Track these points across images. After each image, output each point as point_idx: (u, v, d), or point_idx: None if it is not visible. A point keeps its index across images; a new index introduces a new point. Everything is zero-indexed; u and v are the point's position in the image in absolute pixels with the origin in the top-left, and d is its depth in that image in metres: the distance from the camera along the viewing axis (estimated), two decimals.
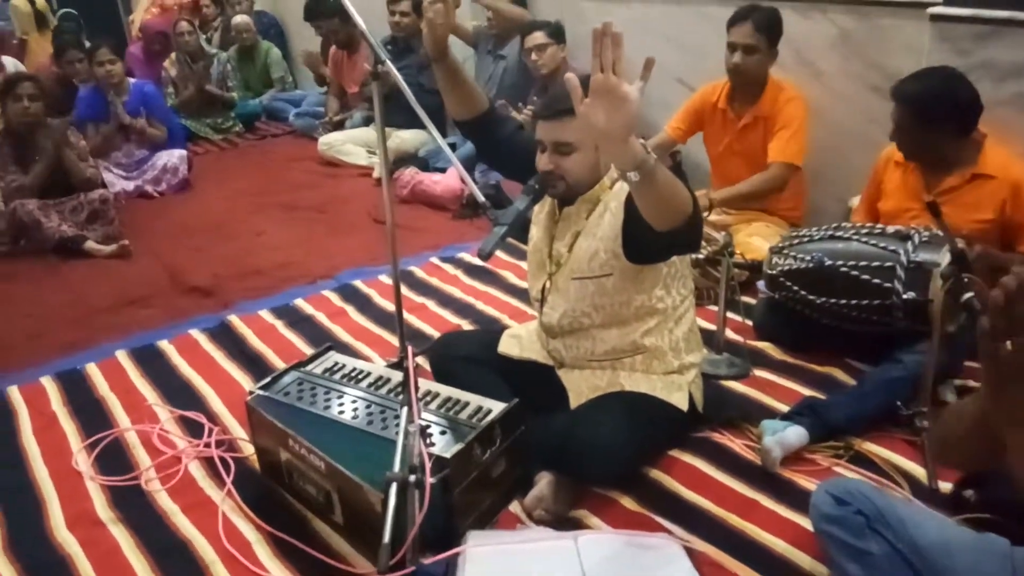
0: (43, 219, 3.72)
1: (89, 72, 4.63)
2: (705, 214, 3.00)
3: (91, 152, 4.15)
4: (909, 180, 2.49)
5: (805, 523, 1.72)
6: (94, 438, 2.29)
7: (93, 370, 2.69)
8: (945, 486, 1.85)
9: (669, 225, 1.66)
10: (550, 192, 1.97)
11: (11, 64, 5.29)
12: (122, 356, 2.77)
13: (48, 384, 2.62)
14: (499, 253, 3.07)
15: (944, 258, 2.05)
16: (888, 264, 2.18)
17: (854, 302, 2.25)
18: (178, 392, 2.52)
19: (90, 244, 3.74)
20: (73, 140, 3.99)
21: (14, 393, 2.58)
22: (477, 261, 3.32)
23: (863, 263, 2.23)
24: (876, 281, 2.19)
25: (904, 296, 2.14)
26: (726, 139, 3.16)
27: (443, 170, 4.32)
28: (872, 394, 2.12)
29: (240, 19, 6.16)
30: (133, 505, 2.02)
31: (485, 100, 2.15)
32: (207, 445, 2.21)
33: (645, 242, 1.78)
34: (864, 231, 2.31)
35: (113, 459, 2.21)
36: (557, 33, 3.89)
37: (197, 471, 2.13)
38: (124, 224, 3.94)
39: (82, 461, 2.21)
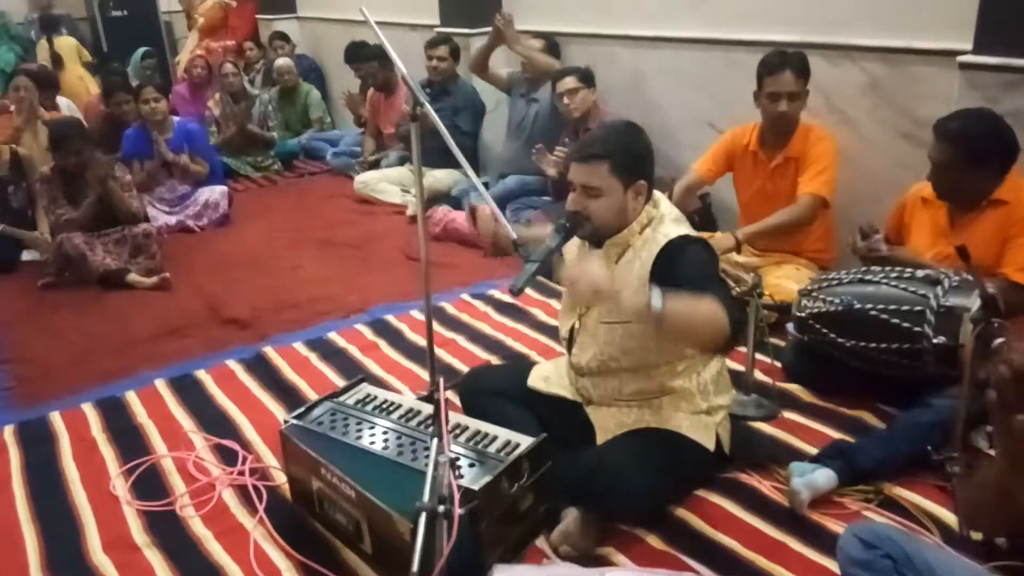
0: (88, 252, 3.84)
1: (136, 112, 4.81)
2: (733, 254, 3.03)
3: (136, 187, 4.29)
4: (936, 218, 2.50)
5: (832, 566, 1.71)
6: (131, 464, 2.36)
7: (132, 398, 2.76)
8: (977, 533, 1.83)
9: (711, 349, 1.82)
10: (578, 233, 2.01)
11: (65, 105, 5.50)
12: (161, 385, 2.84)
13: (89, 410, 2.70)
14: (529, 290, 3.11)
15: (975, 303, 2.05)
16: (918, 308, 2.19)
17: (883, 346, 2.25)
18: (214, 421, 2.58)
19: (132, 276, 3.85)
20: (119, 174, 4.14)
21: (56, 418, 2.65)
22: (507, 298, 3.39)
23: (893, 307, 2.23)
24: (906, 325, 2.19)
25: (934, 340, 2.14)
26: (757, 182, 3.19)
27: None
28: (902, 438, 2.11)
29: (282, 62, 6.36)
30: (168, 530, 2.07)
31: None
32: (241, 473, 2.26)
33: None
34: (894, 275, 2.31)
35: (149, 485, 2.27)
36: (587, 78, 3.96)
37: (230, 498, 2.18)
38: (165, 257, 4.06)
39: (120, 486, 2.26)
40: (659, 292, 1.63)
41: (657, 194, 2.06)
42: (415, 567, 1.43)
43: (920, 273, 2.29)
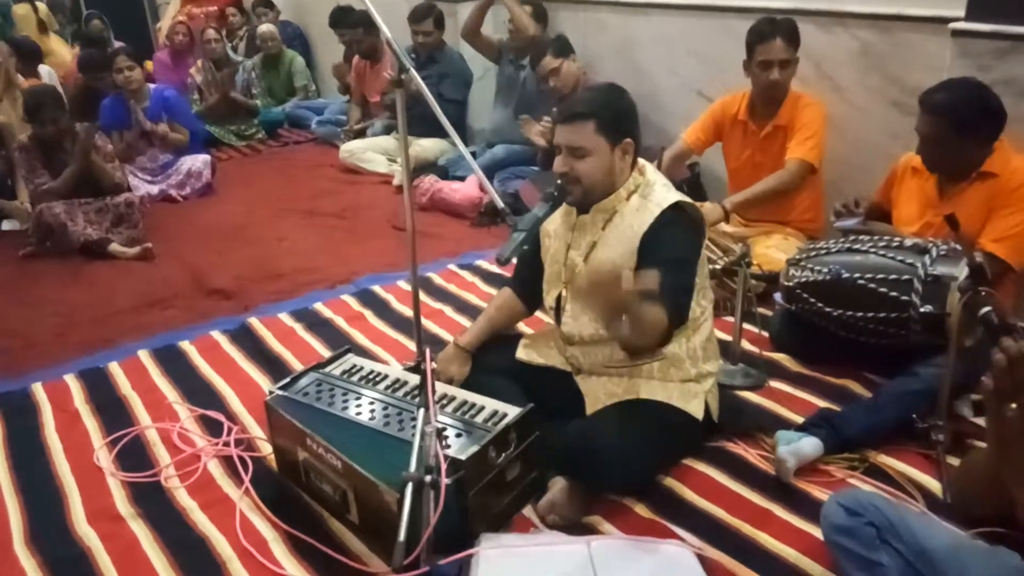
0: (68, 222, 3.79)
1: (112, 82, 4.72)
2: (721, 224, 3.01)
3: (116, 157, 4.22)
4: (925, 188, 2.49)
5: (817, 533, 1.72)
6: (115, 435, 2.34)
7: (116, 369, 2.74)
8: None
9: (645, 347, 1.84)
10: (567, 199, 1.99)
11: (46, 74, 5.39)
12: (144, 356, 2.81)
13: (71, 382, 2.67)
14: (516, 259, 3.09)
15: (962, 271, 2.05)
16: (905, 277, 2.18)
17: (871, 315, 2.25)
18: (198, 392, 2.56)
19: (114, 247, 3.80)
20: (100, 144, 4.07)
21: (38, 390, 2.63)
22: (494, 268, 3.37)
23: (880, 276, 2.23)
24: (893, 294, 2.19)
25: (921, 309, 2.14)
26: (747, 151, 3.17)
27: (462, 178, 4.36)
28: (888, 407, 2.11)
29: (265, 28, 6.26)
30: (152, 501, 2.06)
31: (521, 312, 2.35)
32: (226, 444, 2.25)
33: None
34: (882, 244, 2.31)
35: (133, 456, 2.25)
36: (563, 48, 3.89)
37: (216, 469, 2.16)
38: (148, 227, 4.00)
39: (103, 457, 2.25)
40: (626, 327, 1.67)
41: (642, 161, 2.05)
42: (401, 536, 1.43)
43: (908, 242, 2.29)
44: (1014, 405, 1.05)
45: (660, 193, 1.96)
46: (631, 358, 1.99)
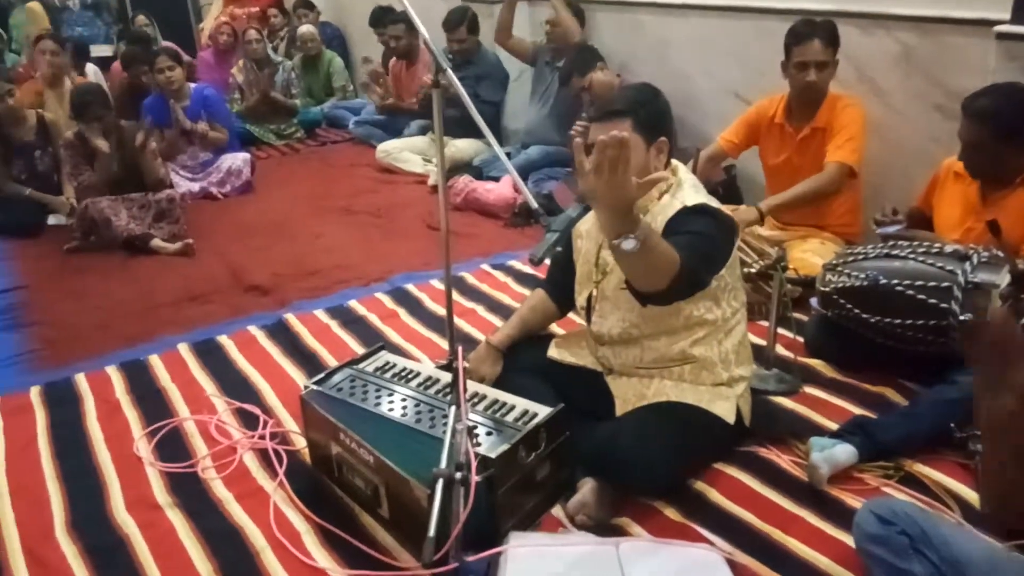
0: (112, 217, 3.87)
1: (153, 79, 4.81)
2: (756, 227, 2.99)
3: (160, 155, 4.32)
4: (968, 193, 2.45)
5: (849, 541, 1.70)
6: (154, 426, 2.39)
7: (156, 361, 2.80)
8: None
9: (654, 288, 1.72)
10: None
11: (92, 72, 5.52)
12: (183, 349, 2.87)
13: (113, 373, 2.73)
14: (549, 260, 3.09)
15: (1004, 279, 2.01)
16: (945, 284, 2.15)
17: (909, 322, 2.21)
18: (235, 385, 2.61)
19: (156, 242, 3.88)
20: (153, 143, 4.16)
21: (81, 381, 2.69)
22: (527, 269, 3.38)
23: (919, 283, 2.19)
24: (932, 301, 2.16)
25: (961, 317, 2.10)
26: (784, 153, 3.14)
27: (496, 179, 4.38)
28: (925, 415, 2.08)
29: (305, 29, 6.34)
30: (189, 491, 2.10)
31: (553, 313, 2.34)
32: (261, 437, 2.28)
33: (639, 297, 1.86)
34: (921, 250, 2.27)
35: (172, 447, 2.30)
36: (587, 63, 3.84)
37: (251, 461, 2.20)
38: (189, 224, 4.08)
39: (143, 447, 2.30)
40: (635, 241, 1.57)
41: (675, 162, 2.04)
42: (431, 532, 1.44)
43: (948, 248, 2.25)
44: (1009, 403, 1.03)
45: (687, 193, 1.95)
46: (662, 364, 1.99)
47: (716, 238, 1.90)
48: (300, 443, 2.23)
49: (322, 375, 2.14)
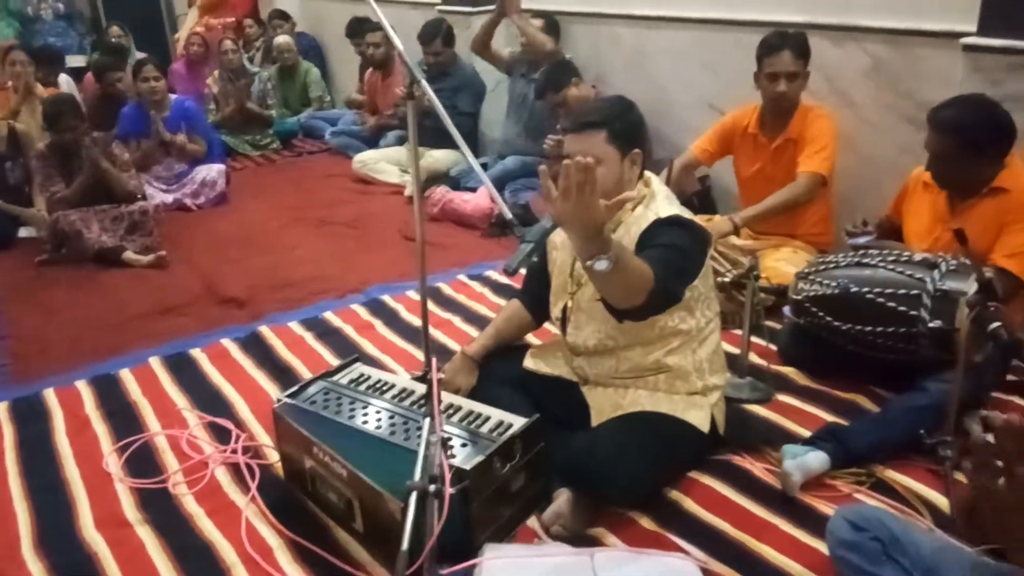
0: (84, 230, 3.83)
1: (132, 88, 4.76)
2: (731, 237, 3.01)
3: (133, 166, 4.27)
4: (936, 203, 2.48)
5: (822, 548, 1.71)
6: (125, 441, 2.35)
7: (127, 375, 2.76)
8: None
9: (629, 304, 1.72)
10: None
11: (65, 82, 5.46)
12: (155, 363, 2.84)
13: (83, 387, 2.69)
14: (524, 270, 3.10)
15: (971, 287, 2.04)
16: (914, 292, 2.18)
17: (879, 329, 2.24)
18: (207, 399, 2.58)
19: (128, 254, 3.84)
20: (117, 152, 4.12)
21: (50, 395, 2.65)
22: (504, 279, 3.38)
23: (889, 290, 2.22)
24: (902, 309, 2.18)
25: (930, 324, 2.13)
26: (758, 164, 3.17)
27: (473, 189, 4.38)
28: (895, 422, 2.10)
29: (282, 39, 6.32)
30: (160, 507, 2.07)
31: (528, 324, 2.34)
32: (234, 451, 2.26)
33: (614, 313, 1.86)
34: (891, 258, 2.30)
35: (142, 462, 2.27)
36: (563, 79, 3.87)
37: (223, 476, 2.18)
38: (162, 235, 4.04)
39: (112, 463, 2.26)
40: (607, 262, 1.58)
41: (648, 173, 2.05)
42: (405, 545, 1.42)
43: (917, 257, 2.28)
44: (1002, 480, 1.03)
45: (660, 204, 1.96)
46: (637, 374, 1.99)
47: (689, 251, 1.91)
48: (273, 457, 2.21)
49: (296, 388, 2.12)
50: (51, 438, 2.42)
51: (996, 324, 1.79)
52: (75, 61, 6.90)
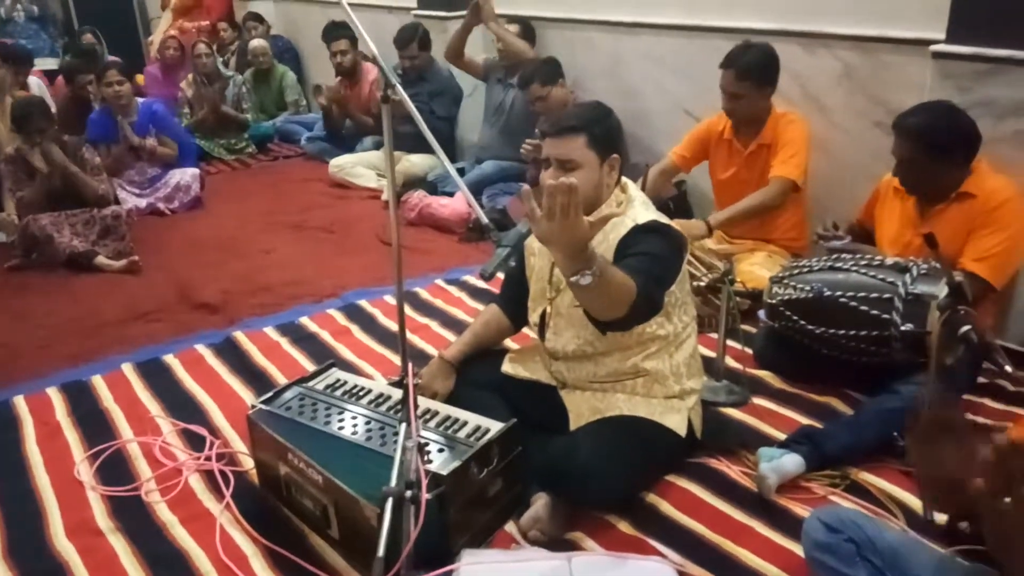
0: (55, 234, 3.78)
1: (98, 93, 4.69)
2: (705, 241, 3.04)
3: (105, 171, 4.22)
4: (906, 208, 2.52)
5: (797, 550, 1.72)
6: (96, 449, 2.32)
7: (99, 382, 2.72)
8: (940, 517, 1.84)
9: (611, 316, 1.73)
10: None
11: (35, 85, 5.39)
12: (128, 369, 2.80)
13: (53, 394, 2.65)
14: (501, 275, 3.10)
15: (942, 290, 2.06)
16: (887, 296, 2.20)
17: (852, 332, 2.26)
18: (181, 405, 2.55)
19: (100, 259, 3.79)
20: (88, 156, 4.06)
21: (19, 403, 2.61)
22: (482, 284, 3.37)
23: (862, 294, 2.25)
24: (874, 312, 2.21)
25: (902, 328, 2.16)
26: (732, 168, 3.20)
27: (451, 194, 4.37)
28: (869, 424, 2.13)
29: (256, 43, 6.27)
30: (132, 515, 2.04)
31: (507, 329, 2.35)
32: (208, 458, 2.23)
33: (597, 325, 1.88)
34: (863, 262, 2.33)
35: (115, 470, 2.23)
36: (551, 75, 3.92)
37: (197, 484, 2.15)
38: (136, 240, 3.99)
39: (84, 471, 2.23)
40: (591, 277, 1.59)
41: (624, 179, 2.06)
42: (381, 552, 1.42)
43: (889, 261, 2.31)
44: (1008, 499, 1.04)
45: (638, 210, 1.98)
46: (615, 378, 2.00)
47: (668, 258, 1.93)
48: (248, 464, 2.19)
49: (271, 394, 2.11)
50: (21, 446, 2.38)
51: (967, 327, 1.81)
52: (47, 64, 6.81)
